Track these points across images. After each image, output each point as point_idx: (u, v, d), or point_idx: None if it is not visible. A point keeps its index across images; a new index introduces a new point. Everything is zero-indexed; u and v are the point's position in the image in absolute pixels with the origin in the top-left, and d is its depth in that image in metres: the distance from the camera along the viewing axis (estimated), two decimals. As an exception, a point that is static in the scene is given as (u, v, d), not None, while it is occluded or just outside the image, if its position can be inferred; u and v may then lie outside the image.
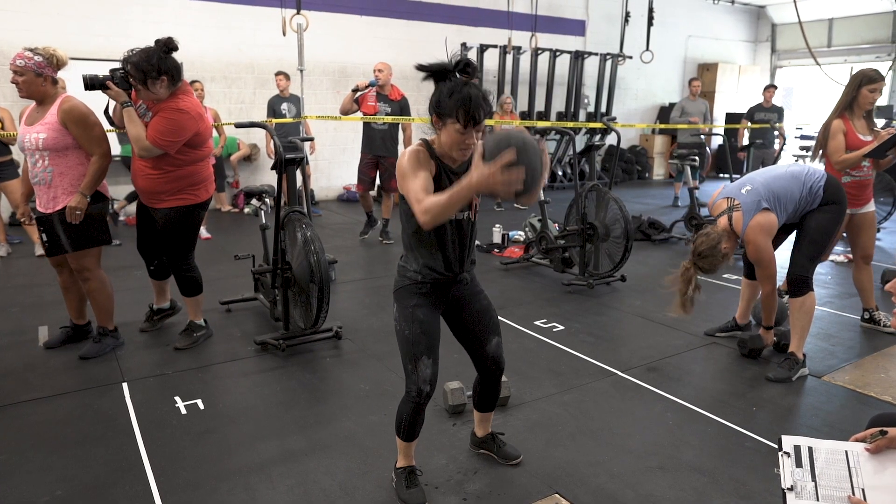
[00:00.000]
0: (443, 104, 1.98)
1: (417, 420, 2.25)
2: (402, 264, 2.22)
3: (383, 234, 6.69)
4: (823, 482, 1.57)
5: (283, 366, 3.48)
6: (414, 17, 9.90)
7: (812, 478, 1.58)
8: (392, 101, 6.33)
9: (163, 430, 2.78)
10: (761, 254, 3.30)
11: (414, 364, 2.16)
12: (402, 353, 2.20)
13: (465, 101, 1.94)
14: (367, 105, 6.27)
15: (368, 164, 6.43)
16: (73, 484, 2.37)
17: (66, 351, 3.61)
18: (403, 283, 2.20)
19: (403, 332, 2.18)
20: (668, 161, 12.08)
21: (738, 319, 3.93)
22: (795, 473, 1.59)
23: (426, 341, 2.15)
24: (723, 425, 2.86)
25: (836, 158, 3.84)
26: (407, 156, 2.04)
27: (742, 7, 14.06)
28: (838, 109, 3.90)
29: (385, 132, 6.35)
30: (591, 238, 5.07)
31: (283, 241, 3.70)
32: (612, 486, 2.39)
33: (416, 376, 2.16)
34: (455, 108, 1.95)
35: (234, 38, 8.57)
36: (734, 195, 3.41)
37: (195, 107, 3.34)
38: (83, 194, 3.28)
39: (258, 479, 2.42)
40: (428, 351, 2.16)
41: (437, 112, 2.02)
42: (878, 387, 3.25)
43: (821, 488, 1.56)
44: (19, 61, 3.18)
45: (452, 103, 1.95)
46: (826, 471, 1.58)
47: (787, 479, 1.59)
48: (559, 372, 3.43)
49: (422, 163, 2.03)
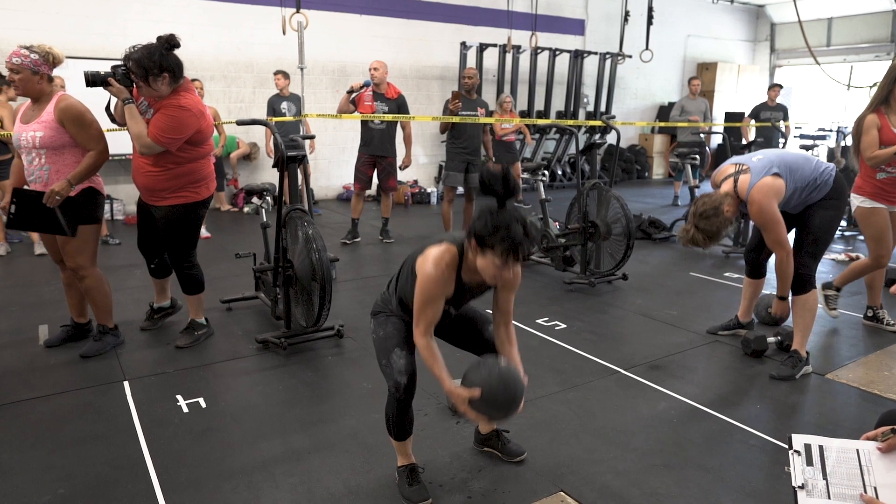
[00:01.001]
0: (486, 238, 1.89)
1: (404, 418, 2.25)
2: (386, 297, 2.26)
3: (383, 233, 6.65)
4: (834, 480, 1.55)
5: (285, 364, 3.47)
6: (413, 17, 9.89)
7: (823, 476, 1.57)
8: (389, 100, 6.27)
9: (165, 428, 2.76)
10: (765, 215, 3.14)
11: (388, 358, 2.17)
12: (377, 353, 2.23)
13: (510, 243, 1.86)
14: (363, 105, 6.19)
15: (366, 164, 6.37)
16: (75, 483, 2.35)
17: (66, 349, 3.59)
18: (384, 309, 2.27)
19: (378, 334, 2.23)
20: (668, 160, 12.09)
21: (741, 317, 3.92)
22: (806, 472, 1.58)
23: (398, 336, 2.18)
24: (727, 423, 2.85)
25: (869, 154, 3.66)
26: (433, 268, 1.97)
27: (741, 6, 14.06)
28: (873, 104, 3.70)
29: (384, 131, 6.29)
30: (593, 236, 5.06)
31: (284, 239, 3.68)
32: (617, 483, 2.38)
33: (391, 369, 2.16)
34: (499, 247, 1.87)
35: (232, 36, 8.55)
36: (744, 162, 3.28)
37: (197, 104, 3.32)
38: (69, 182, 3.22)
39: (261, 478, 2.40)
40: (400, 343, 2.17)
41: (477, 240, 1.92)
42: (882, 384, 3.24)
43: (832, 486, 1.55)
44: (16, 59, 3.16)
45: (496, 240, 1.87)
46: (837, 469, 1.57)
47: (798, 478, 1.57)
48: (562, 370, 3.42)
49: (445, 285, 2.00)
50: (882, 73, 3.78)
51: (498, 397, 1.97)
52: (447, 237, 2.07)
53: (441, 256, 1.99)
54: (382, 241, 6.58)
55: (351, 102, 6.15)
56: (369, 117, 6.17)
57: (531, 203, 8.97)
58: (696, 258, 6.09)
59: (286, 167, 3.70)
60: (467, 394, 1.97)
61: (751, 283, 3.79)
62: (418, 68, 10.13)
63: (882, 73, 3.77)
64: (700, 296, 4.86)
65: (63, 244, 3.38)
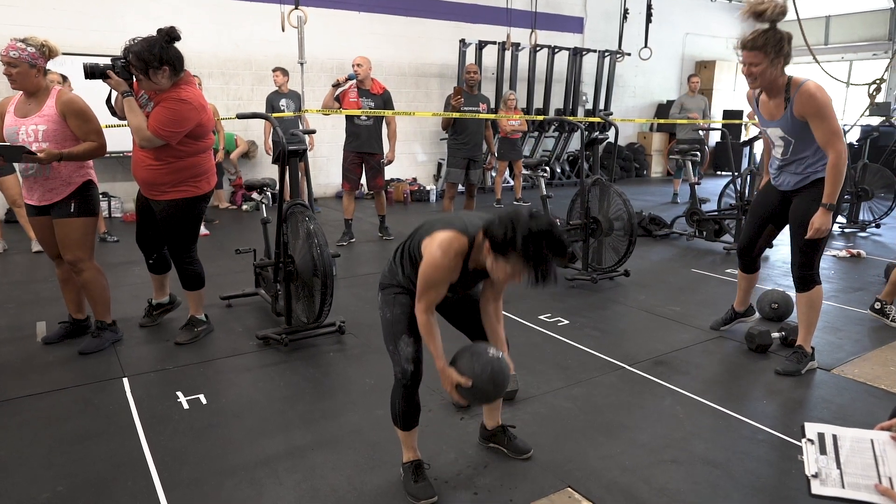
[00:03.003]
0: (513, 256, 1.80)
1: (410, 406, 2.21)
2: (393, 266, 2.20)
3: (382, 231, 6.62)
4: (849, 470, 1.53)
5: (286, 360, 3.43)
6: (412, 14, 9.86)
7: (837, 465, 1.54)
8: (374, 96, 6.17)
9: (165, 425, 2.72)
10: (823, 101, 2.90)
11: (395, 344, 2.15)
12: (384, 336, 2.20)
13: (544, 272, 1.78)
14: (348, 101, 6.09)
15: (354, 163, 6.23)
16: (75, 480, 2.32)
17: (64, 346, 3.55)
18: (392, 282, 2.21)
19: (385, 315, 2.19)
20: (668, 157, 12.07)
21: (737, 307, 3.91)
22: (820, 461, 1.55)
23: (406, 321, 2.14)
24: (733, 418, 2.82)
25: None
26: (440, 255, 1.91)
27: (740, 4, 14.02)
28: None
29: (370, 128, 6.16)
30: (595, 232, 5.04)
31: (285, 235, 3.64)
32: (624, 479, 2.35)
33: (398, 356, 2.14)
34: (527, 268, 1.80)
35: (231, 33, 8.50)
36: None
37: (197, 97, 3.29)
38: (61, 154, 3.15)
39: (264, 475, 2.37)
40: (408, 329, 2.13)
41: (499, 250, 1.82)
42: (888, 379, 3.22)
43: (846, 476, 1.52)
44: (13, 52, 3.12)
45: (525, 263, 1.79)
46: (851, 458, 1.54)
47: (812, 467, 1.54)
48: (566, 366, 3.39)
49: (451, 272, 1.96)
50: (881, 71, 3.74)
51: (487, 392, 2.06)
52: (457, 223, 1.99)
53: (450, 244, 1.92)
54: (382, 238, 6.56)
55: (336, 99, 6.06)
56: (356, 113, 6.06)
57: (531, 200, 8.95)
58: (697, 255, 6.07)
59: (287, 162, 3.67)
60: (458, 379, 2.00)
61: (746, 277, 3.77)
62: (417, 66, 10.10)
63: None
64: (702, 292, 4.84)
65: (62, 237, 3.34)
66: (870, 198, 7.34)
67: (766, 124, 3.23)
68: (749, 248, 3.62)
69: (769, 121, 3.19)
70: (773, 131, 3.19)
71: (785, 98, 3.07)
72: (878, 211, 7.46)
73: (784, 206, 3.33)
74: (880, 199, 7.41)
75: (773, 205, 3.40)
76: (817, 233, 3.07)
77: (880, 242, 6.82)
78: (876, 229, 7.43)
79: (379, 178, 6.35)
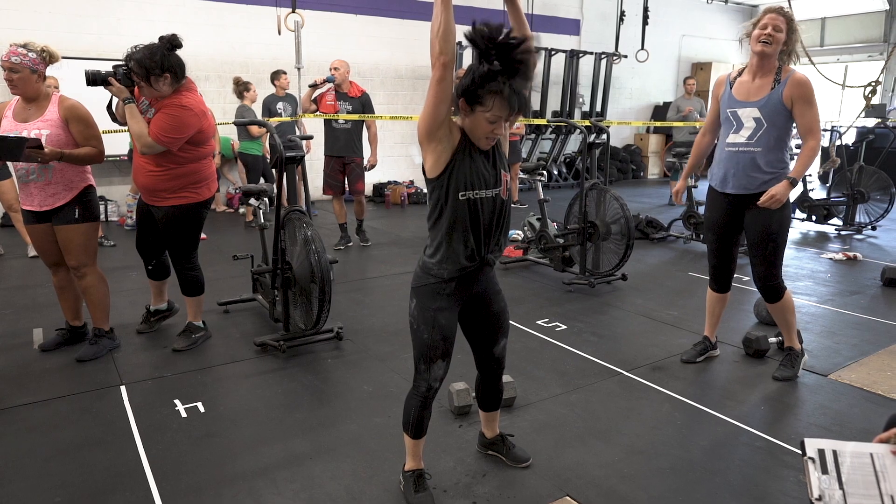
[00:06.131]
0: (474, 91, 1.87)
1: (425, 414, 2.20)
2: (426, 259, 2.10)
3: (360, 234, 6.43)
4: (851, 489, 1.52)
5: (284, 367, 3.43)
6: (408, 17, 9.86)
7: (839, 485, 1.54)
8: (352, 99, 6.05)
9: (163, 433, 2.72)
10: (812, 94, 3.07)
11: (428, 365, 2.13)
12: (417, 352, 2.14)
13: (503, 92, 1.85)
14: (325, 104, 6.00)
15: (335, 169, 6.13)
16: (73, 490, 2.31)
17: (61, 353, 3.54)
18: (427, 281, 2.09)
19: (422, 335, 2.11)
20: (665, 160, 12.09)
21: (710, 336, 3.60)
22: (822, 481, 1.55)
23: (444, 346, 2.12)
24: (732, 424, 2.83)
25: None
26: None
27: (735, 6, 14.09)
28: None
29: (349, 131, 6.05)
30: (592, 236, 5.05)
31: (283, 241, 3.64)
32: (623, 487, 2.35)
33: (429, 375, 2.13)
34: (488, 97, 1.87)
35: (228, 36, 8.49)
36: None
37: (199, 103, 3.29)
38: (62, 154, 3.15)
39: (263, 484, 2.36)
40: (444, 355, 2.13)
41: (465, 97, 1.90)
42: (885, 385, 3.23)
43: (849, 497, 1.52)
44: (14, 58, 3.11)
45: (485, 91, 1.86)
46: (853, 476, 1.54)
47: (815, 489, 1.54)
48: (564, 372, 3.39)
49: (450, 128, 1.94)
50: (876, 73, 3.72)
51: None
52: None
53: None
54: (360, 243, 6.40)
55: (313, 101, 5.98)
56: (333, 116, 5.98)
57: (528, 203, 8.96)
58: (694, 258, 6.08)
59: (284, 168, 3.66)
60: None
61: (718, 299, 3.51)
62: (414, 68, 10.09)
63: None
64: (699, 296, 4.84)
65: (66, 243, 3.33)
66: (866, 200, 7.37)
67: (736, 104, 3.18)
68: (723, 266, 3.42)
69: (743, 101, 3.17)
70: (745, 111, 3.15)
71: (775, 80, 3.12)
72: (874, 213, 7.48)
73: (737, 215, 3.25)
74: (876, 202, 7.43)
75: (726, 218, 3.28)
76: (771, 200, 3.04)
77: (876, 245, 6.84)
78: (872, 232, 7.46)
79: (360, 183, 6.23)
